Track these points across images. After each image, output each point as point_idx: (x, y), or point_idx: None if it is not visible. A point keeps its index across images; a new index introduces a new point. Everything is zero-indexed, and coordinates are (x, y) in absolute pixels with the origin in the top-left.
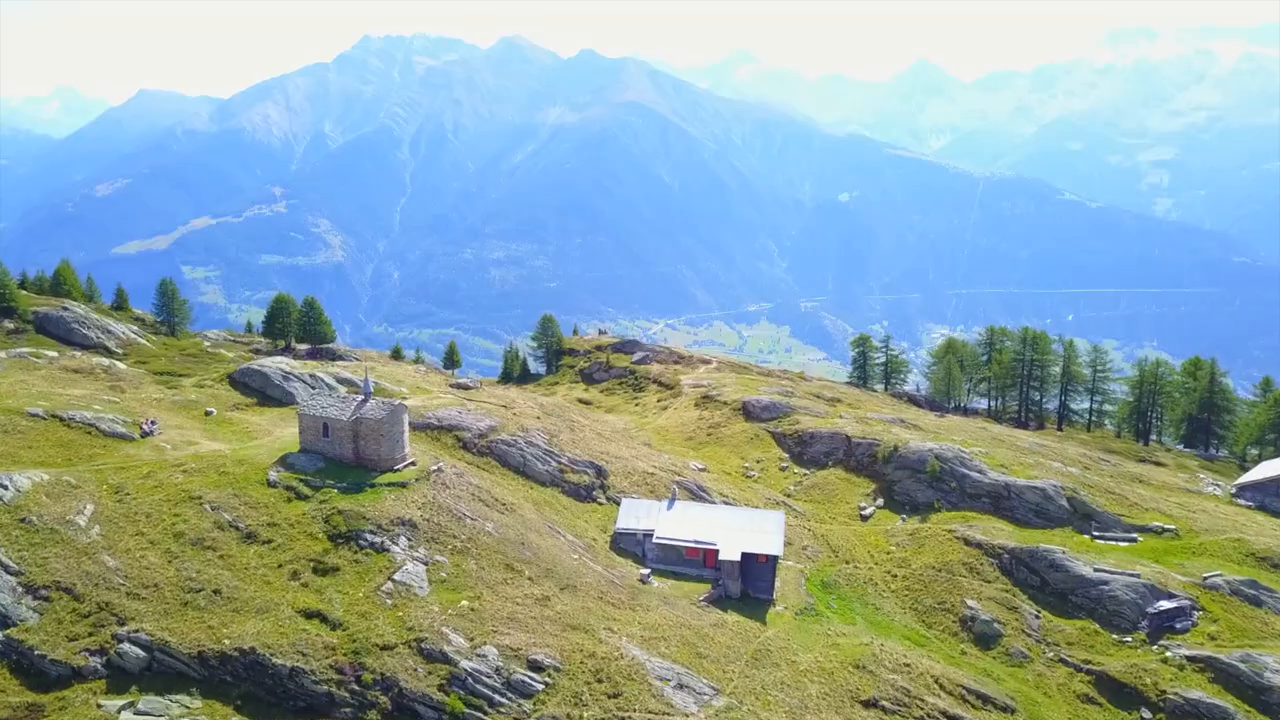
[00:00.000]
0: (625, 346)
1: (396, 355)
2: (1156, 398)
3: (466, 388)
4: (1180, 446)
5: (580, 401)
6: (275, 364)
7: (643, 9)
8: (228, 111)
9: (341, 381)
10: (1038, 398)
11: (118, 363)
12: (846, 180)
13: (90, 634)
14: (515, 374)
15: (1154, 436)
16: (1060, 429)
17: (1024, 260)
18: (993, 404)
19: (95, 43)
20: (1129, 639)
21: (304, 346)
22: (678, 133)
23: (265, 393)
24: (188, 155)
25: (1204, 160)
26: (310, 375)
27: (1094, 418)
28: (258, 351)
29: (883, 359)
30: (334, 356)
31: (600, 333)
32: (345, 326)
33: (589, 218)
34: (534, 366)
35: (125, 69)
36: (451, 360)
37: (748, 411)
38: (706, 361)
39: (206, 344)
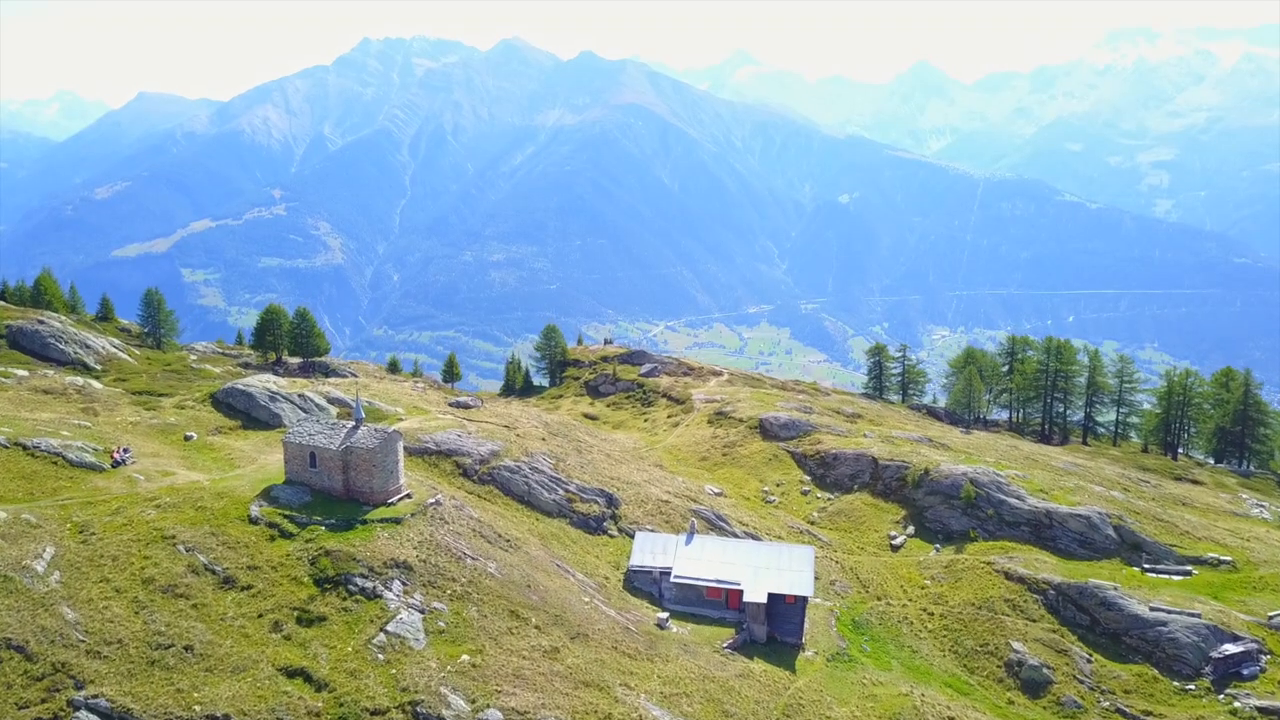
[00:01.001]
0: (632, 358)
1: (393, 368)
2: (1186, 410)
3: (467, 406)
4: (1211, 461)
5: (586, 417)
6: (262, 383)
7: (642, 11)
8: (227, 114)
9: (332, 401)
10: (1061, 409)
11: (92, 382)
12: (846, 182)
13: (43, 700)
14: (517, 386)
15: (1181, 450)
16: (1085, 442)
17: (1024, 261)
18: (1014, 416)
19: (94, 45)
20: (1192, 687)
21: (296, 360)
22: (677, 134)
23: (250, 415)
24: (187, 158)
25: (1204, 161)
26: (299, 395)
27: (1120, 430)
28: (247, 365)
29: (899, 369)
30: (327, 370)
31: (606, 342)
32: (345, 329)
33: (589, 220)
34: (537, 378)
35: (124, 71)
36: (451, 373)
37: (765, 429)
38: (718, 373)
39: (193, 358)
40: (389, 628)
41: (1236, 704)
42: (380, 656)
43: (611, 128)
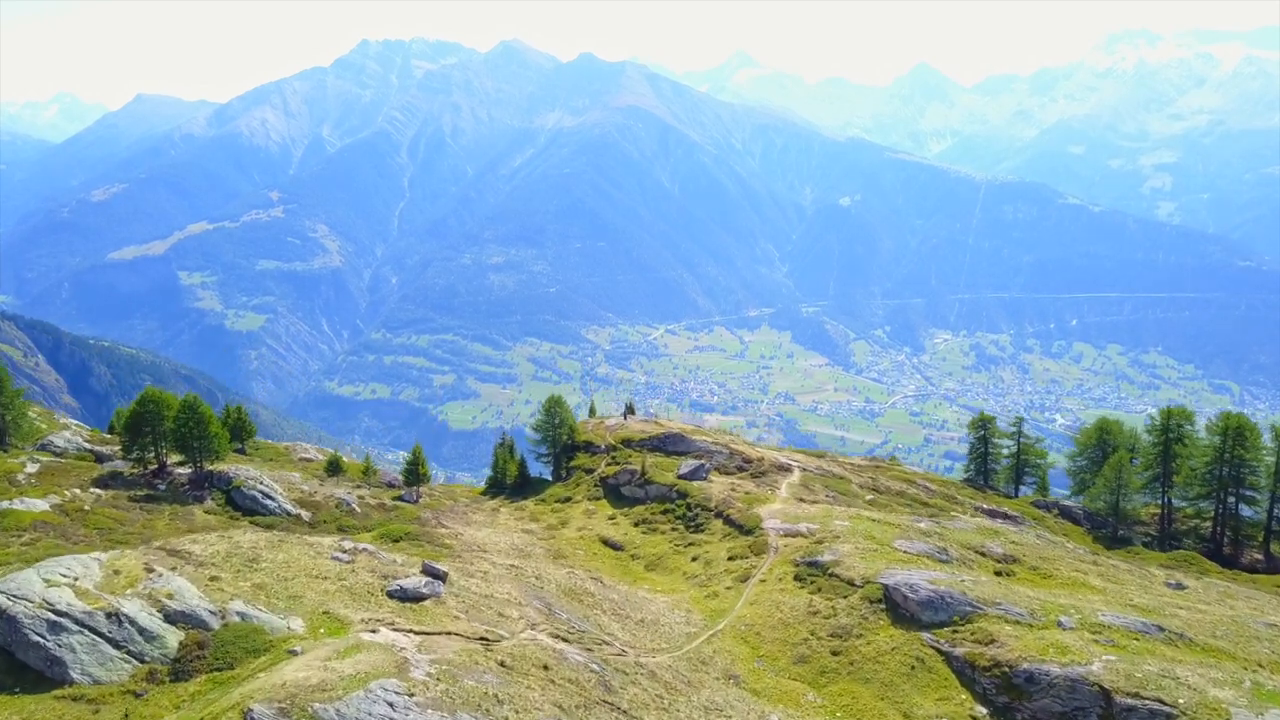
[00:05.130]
0: (665, 443)
1: (333, 467)
2: None
3: (419, 598)
4: None
5: (606, 544)
6: (40, 595)
7: (642, 13)
8: (225, 116)
9: (173, 619)
10: (1234, 507)
11: None
12: (847, 184)
13: None
14: (509, 481)
15: None
16: (1269, 553)
17: (1026, 264)
18: (1166, 514)
19: (94, 47)
20: None
21: (185, 470)
22: (677, 137)
23: (13, 657)
24: (185, 160)
25: (1206, 164)
26: (108, 615)
27: None
28: (113, 478)
29: (1011, 448)
30: (227, 484)
31: (628, 411)
32: (343, 332)
33: (588, 222)
34: (535, 467)
35: (123, 74)
36: (415, 474)
37: (894, 606)
38: (785, 469)
39: (30, 469)
40: None
41: None
42: None
43: (611, 130)
